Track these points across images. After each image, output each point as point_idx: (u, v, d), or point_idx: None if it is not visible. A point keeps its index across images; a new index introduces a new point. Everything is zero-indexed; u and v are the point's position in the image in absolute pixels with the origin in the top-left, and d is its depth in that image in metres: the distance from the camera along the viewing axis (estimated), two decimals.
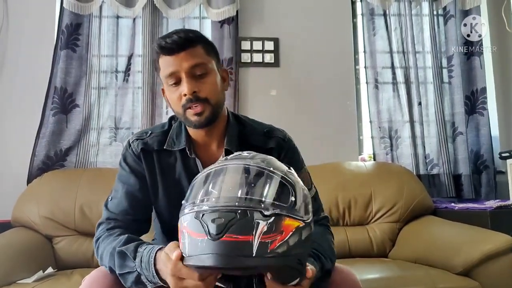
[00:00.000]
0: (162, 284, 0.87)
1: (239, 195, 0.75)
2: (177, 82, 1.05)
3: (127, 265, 0.92)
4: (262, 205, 0.75)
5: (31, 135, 2.27)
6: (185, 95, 1.03)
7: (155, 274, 0.86)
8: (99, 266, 1.04)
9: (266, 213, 0.74)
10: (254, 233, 0.72)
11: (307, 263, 0.84)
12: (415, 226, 2.12)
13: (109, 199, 1.13)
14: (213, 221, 0.72)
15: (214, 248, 0.71)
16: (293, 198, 0.79)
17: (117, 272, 0.94)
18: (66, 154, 2.33)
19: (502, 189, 2.53)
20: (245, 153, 0.87)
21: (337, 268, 1.06)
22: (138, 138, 1.16)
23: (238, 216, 0.73)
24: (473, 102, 2.64)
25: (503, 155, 2.38)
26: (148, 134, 1.16)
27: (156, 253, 0.87)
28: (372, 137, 2.59)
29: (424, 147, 2.57)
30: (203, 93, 1.04)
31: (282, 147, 1.17)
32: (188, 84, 1.02)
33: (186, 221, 0.77)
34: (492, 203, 2.07)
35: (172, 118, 1.21)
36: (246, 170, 0.80)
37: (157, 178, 1.14)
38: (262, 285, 0.82)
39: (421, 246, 1.92)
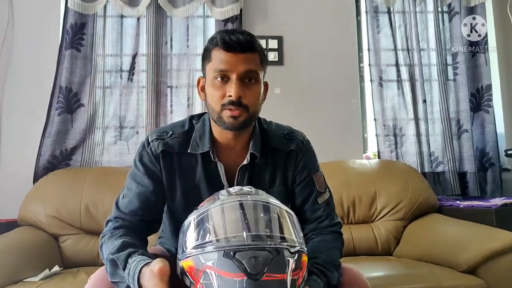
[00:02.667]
0: None
1: (267, 233, 0.77)
2: (225, 80, 1.03)
3: (118, 273, 0.92)
4: (287, 243, 0.77)
5: (36, 134, 2.29)
6: (230, 96, 1.01)
7: None
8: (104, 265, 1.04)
9: (292, 250, 0.76)
10: (287, 270, 0.73)
11: (308, 285, 0.86)
12: (420, 224, 2.11)
13: (120, 197, 1.11)
14: (250, 260, 0.70)
15: None
16: (302, 234, 0.84)
17: (110, 280, 0.94)
18: (72, 153, 2.34)
19: (507, 187, 2.52)
20: (246, 188, 0.89)
21: (345, 268, 1.07)
22: (158, 138, 1.12)
23: (272, 255, 0.72)
24: (478, 99, 2.63)
25: (509, 152, 2.37)
26: (169, 135, 1.12)
27: (141, 268, 0.86)
28: (376, 135, 2.59)
29: (429, 144, 2.56)
30: (246, 100, 1.02)
31: (300, 149, 1.17)
32: (237, 87, 1.01)
33: (211, 260, 0.73)
34: (497, 201, 2.06)
35: (192, 118, 1.19)
36: (262, 207, 0.82)
37: (176, 180, 1.12)
38: None
39: (426, 244, 1.92)
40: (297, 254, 0.76)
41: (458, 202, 2.24)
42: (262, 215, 0.80)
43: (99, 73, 2.44)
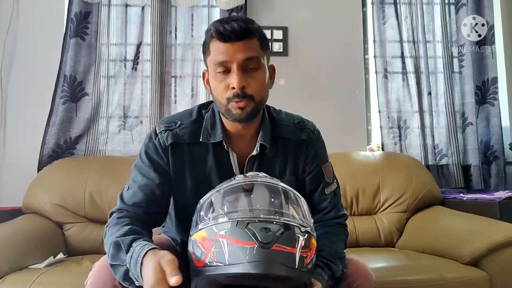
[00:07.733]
0: None
1: (278, 209, 0.80)
2: (226, 71, 1.00)
3: (119, 257, 0.89)
4: (298, 221, 0.79)
5: (41, 123, 2.29)
6: (233, 88, 0.98)
7: (139, 274, 0.81)
8: None
9: (303, 229, 0.78)
10: (296, 246, 0.75)
11: (314, 278, 0.87)
12: (423, 216, 2.11)
13: (125, 189, 1.09)
14: (262, 230, 0.73)
15: (264, 255, 0.71)
16: (312, 220, 0.86)
17: (109, 262, 0.92)
18: (76, 142, 2.35)
19: (511, 180, 2.51)
20: (262, 174, 0.93)
21: (350, 259, 1.07)
22: (167, 129, 1.09)
23: (283, 229, 0.75)
24: (484, 92, 2.61)
25: None
26: (178, 125, 1.09)
27: (146, 252, 0.83)
28: (380, 127, 2.58)
29: (433, 137, 2.55)
30: (250, 90, 1.00)
31: (311, 139, 1.16)
32: (238, 77, 0.98)
33: (223, 230, 0.75)
34: (501, 194, 2.05)
35: (201, 107, 1.16)
36: (275, 189, 0.86)
37: (186, 172, 1.10)
38: None
39: (428, 236, 1.92)
40: (307, 234, 0.78)
41: (461, 195, 2.24)
42: (273, 195, 0.84)
43: (104, 62, 2.43)
